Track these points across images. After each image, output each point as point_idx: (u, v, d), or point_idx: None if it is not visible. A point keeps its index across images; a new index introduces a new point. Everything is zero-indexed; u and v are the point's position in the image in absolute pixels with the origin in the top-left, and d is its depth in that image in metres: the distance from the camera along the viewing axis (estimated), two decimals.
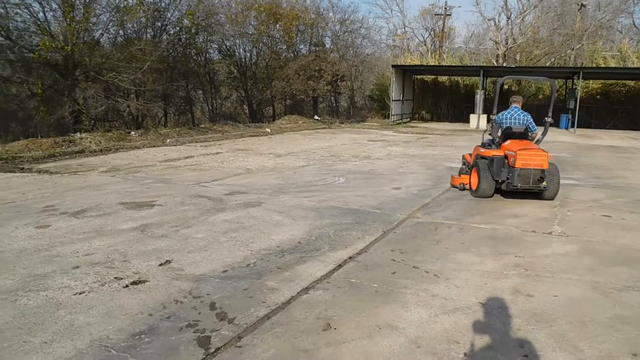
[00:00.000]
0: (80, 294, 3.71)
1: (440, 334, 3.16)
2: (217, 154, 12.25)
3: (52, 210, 6.23)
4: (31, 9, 13.61)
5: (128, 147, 13.04)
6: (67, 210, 6.19)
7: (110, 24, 15.78)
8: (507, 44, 34.35)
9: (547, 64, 31.90)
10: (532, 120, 7.70)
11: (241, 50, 23.32)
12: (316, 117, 25.49)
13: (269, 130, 19.00)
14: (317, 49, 26.67)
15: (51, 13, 14.22)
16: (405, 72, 26.68)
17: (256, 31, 22.69)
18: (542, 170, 6.86)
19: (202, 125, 18.70)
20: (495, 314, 3.49)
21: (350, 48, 30.03)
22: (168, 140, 14.65)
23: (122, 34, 16.97)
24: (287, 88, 23.38)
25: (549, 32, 34.52)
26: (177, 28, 18.58)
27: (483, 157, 7.48)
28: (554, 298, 3.77)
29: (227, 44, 22.46)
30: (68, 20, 13.55)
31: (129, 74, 14.53)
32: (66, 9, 13.57)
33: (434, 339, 3.10)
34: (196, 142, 15.09)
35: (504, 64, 31.71)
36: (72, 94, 14.14)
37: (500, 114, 7.69)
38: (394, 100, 25.25)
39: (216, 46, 22.22)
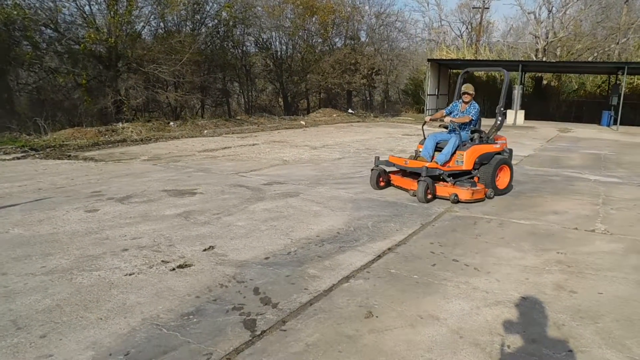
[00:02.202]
0: (130, 275, 3.87)
1: (482, 326, 3.17)
2: (253, 145, 12.43)
3: (100, 195, 6.48)
4: (78, 2, 14.10)
5: (167, 137, 13.38)
6: (114, 196, 6.43)
7: (152, 16, 16.17)
8: (547, 38, 33.44)
9: (590, 59, 30.90)
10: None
11: (277, 43, 23.48)
12: (350, 111, 25.46)
13: (303, 123, 19.11)
14: (353, 42, 26.58)
15: (96, 6, 14.70)
16: (440, 66, 26.33)
17: (292, 24, 22.78)
18: None
19: (238, 117, 18.97)
20: (537, 308, 3.46)
21: (386, 42, 29.82)
22: (205, 131, 14.93)
23: (163, 26, 17.38)
24: (322, 81, 23.42)
25: (592, 26, 33.38)
26: (216, 21, 18.85)
27: (497, 154, 7.14)
28: (598, 295, 3.72)
29: (264, 37, 22.66)
30: (112, 13, 13.96)
31: (169, 65, 14.86)
32: (110, 2, 13.96)
33: (476, 331, 3.11)
34: (232, 133, 15.33)
35: (544, 59, 30.90)
36: (114, 84, 14.58)
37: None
38: (429, 95, 24.98)
39: (253, 39, 22.44)
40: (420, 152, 7.30)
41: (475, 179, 6.93)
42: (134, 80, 14.58)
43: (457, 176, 6.87)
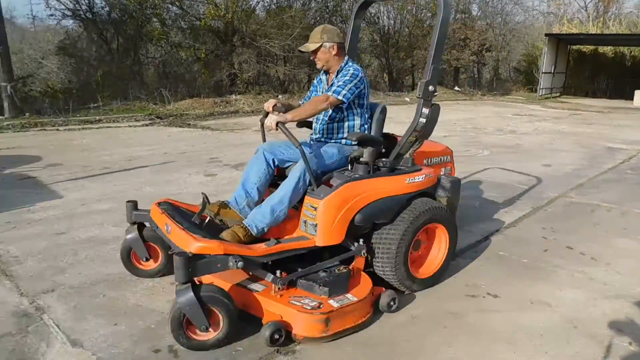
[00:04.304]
0: None
1: (599, 319, 3.02)
2: None
3: (217, 161, 7.00)
4: None
5: None
6: (229, 163, 6.91)
7: None
8: None
9: None
10: None
11: (385, 17, 23.10)
12: (456, 88, 24.53)
13: (407, 100, 18.81)
14: (463, 16, 25.40)
15: None
16: (559, 41, 24.28)
17: None
18: None
19: None
20: None
21: (499, 15, 28.09)
22: None
23: (275, 2, 17.90)
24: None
25: None
26: None
27: (421, 195, 3.29)
28: None
29: (372, 11, 22.38)
30: None
31: (279, 40, 15.33)
32: None
33: (592, 323, 2.97)
34: None
35: None
36: (229, 58, 15.43)
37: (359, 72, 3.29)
38: (544, 73, 23.24)
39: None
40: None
41: (358, 262, 3.07)
42: (247, 54, 15.30)
43: (313, 258, 2.97)
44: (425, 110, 3.16)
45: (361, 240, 3.05)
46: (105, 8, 14.73)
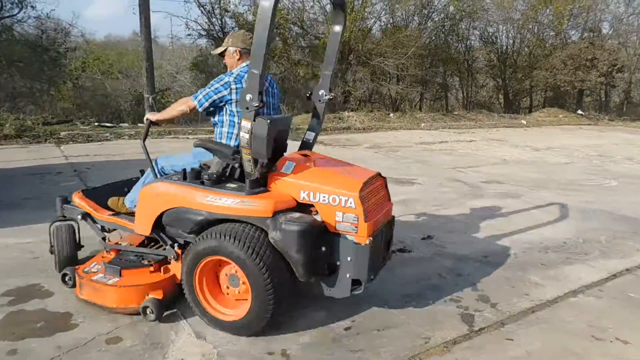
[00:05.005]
0: None
1: None
2: (470, 141, 12.21)
3: None
4: (321, 2, 15.76)
5: (387, 128, 14.06)
6: None
7: (383, 12, 17.01)
8: None
9: None
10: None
11: (503, 37, 22.30)
12: (579, 112, 22.80)
13: (524, 122, 17.90)
14: (592, 35, 23.62)
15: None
16: None
17: (522, 16, 21.32)
18: (391, 223, 3.37)
19: (456, 112, 18.77)
20: None
21: (635, 34, 25.67)
22: (422, 124, 15.19)
23: (392, 21, 18.14)
24: (550, 78, 21.45)
25: None
26: (442, 15, 18.88)
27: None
28: None
29: (490, 30, 21.76)
30: (349, 10, 15.18)
31: (394, 59, 15.49)
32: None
33: None
34: (449, 128, 15.27)
35: None
36: (344, 76, 15.91)
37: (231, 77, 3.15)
38: None
39: (478, 33, 21.74)
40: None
41: (174, 265, 3.15)
42: (362, 73, 15.67)
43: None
44: (246, 124, 2.71)
45: (176, 245, 3.07)
46: (235, 28, 16.00)
